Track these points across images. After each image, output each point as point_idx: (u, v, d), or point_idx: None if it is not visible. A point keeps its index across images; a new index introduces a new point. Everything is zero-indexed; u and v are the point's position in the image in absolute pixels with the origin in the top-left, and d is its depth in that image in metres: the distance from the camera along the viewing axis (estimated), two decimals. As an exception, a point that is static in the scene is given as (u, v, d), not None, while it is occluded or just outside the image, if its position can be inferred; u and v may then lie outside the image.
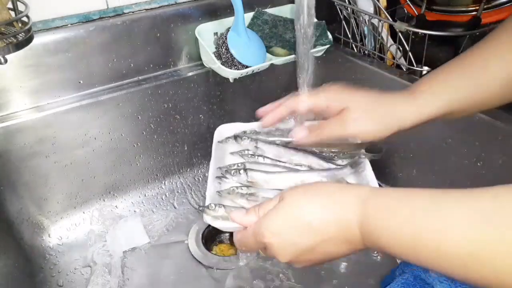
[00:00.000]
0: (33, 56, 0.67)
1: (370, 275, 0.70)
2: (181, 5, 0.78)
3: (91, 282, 0.68)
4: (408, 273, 0.47)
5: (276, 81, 0.91)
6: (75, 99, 0.73)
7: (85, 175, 0.78)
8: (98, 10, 0.72)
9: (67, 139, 0.73)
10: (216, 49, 0.80)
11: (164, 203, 0.85)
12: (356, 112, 0.47)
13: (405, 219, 0.33)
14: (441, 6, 0.77)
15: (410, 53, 0.76)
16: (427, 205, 0.32)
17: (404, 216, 0.33)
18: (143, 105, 0.78)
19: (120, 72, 0.76)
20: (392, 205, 0.34)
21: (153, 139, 0.83)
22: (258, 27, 0.83)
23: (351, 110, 0.47)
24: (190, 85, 0.82)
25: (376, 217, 0.35)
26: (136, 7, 0.75)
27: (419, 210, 0.32)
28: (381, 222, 0.34)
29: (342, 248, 0.38)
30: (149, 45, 0.77)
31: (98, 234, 0.77)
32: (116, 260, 0.72)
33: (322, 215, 0.37)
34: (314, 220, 0.37)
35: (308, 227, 0.37)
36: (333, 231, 0.37)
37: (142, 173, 0.84)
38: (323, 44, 0.84)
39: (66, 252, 0.75)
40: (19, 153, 0.69)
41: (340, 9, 0.87)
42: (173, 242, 0.77)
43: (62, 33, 0.69)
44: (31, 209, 0.74)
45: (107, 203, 0.81)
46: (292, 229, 0.38)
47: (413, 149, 0.76)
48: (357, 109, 0.47)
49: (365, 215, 0.35)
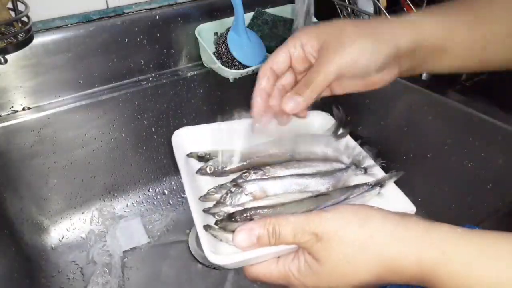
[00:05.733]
0: (33, 56, 0.67)
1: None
2: (181, 5, 0.78)
3: (91, 282, 0.68)
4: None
5: (276, 81, 0.91)
6: (75, 99, 0.73)
7: (85, 175, 0.78)
8: (98, 10, 0.72)
9: (67, 139, 0.73)
10: (216, 49, 0.80)
11: (164, 203, 0.85)
12: (335, 41, 0.37)
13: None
14: (441, 6, 0.76)
15: (410, 53, 0.75)
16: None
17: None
18: (143, 105, 0.78)
19: (120, 72, 0.76)
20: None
21: (153, 139, 0.83)
22: (258, 27, 0.83)
23: (330, 41, 0.37)
24: (190, 85, 0.82)
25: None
26: (136, 7, 0.75)
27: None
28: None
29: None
30: (149, 45, 0.77)
31: (98, 234, 0.77)
32: (116, 260, 0.72)
33: (373, 276, 0.31)
34: (366, 280, 0.31)
35: (354, 286, 0.32)
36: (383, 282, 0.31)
37: (142, 173, 0.84)
38: (323, 44, 0.84)
39: (66, 252, 0.75)
40: (19, 153, 0.69)
41: (340, 9, 0.87)
42: (173, 242, 0.77)
43: (62, 33, 0.69)
44: (31, 209, 0.74)
45: (107, 203, 0.81)
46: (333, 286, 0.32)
47: (413, 149, 0.76)
48: (336, 38, 0.37)
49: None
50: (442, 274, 0.29)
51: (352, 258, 0.31)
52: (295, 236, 0.32)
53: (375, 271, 0.30)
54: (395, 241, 0.30)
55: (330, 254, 0.31)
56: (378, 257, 0.30)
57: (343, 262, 0.31)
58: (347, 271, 0.31)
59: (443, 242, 0.29)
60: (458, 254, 0.29)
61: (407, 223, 0.31)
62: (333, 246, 0.31)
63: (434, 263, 0.29)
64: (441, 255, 0.29)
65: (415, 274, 0.29)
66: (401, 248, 0.30)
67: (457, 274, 0.28)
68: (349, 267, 0.31)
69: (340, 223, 0.31)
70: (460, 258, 0.29)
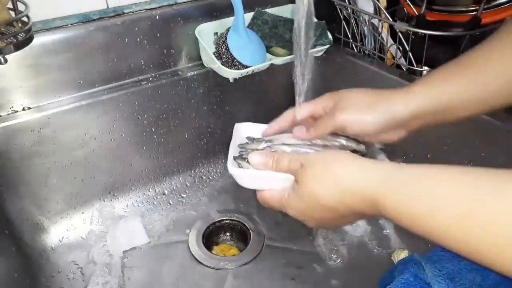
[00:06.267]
0: (33, 56, 0.67)
1: (369, 274, 0.70)
2: (181, 5, 0.78)
3: (91, 282, 0.68)
4: (407, 273, 0.47)
5: (276, 81, 0.91)
6: (75, 99, 0.73)
7: (85, 175, 0.78)
8: (98, 10, 0.72)
9: (67, 139, 0.73)
10: (216, 49, 0.80)
11: (164, 203, 0.85)
12: (344, 102, 0.47)
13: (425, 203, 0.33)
14: (441, 6, 0.76)
15: (410, 53, 0.76)
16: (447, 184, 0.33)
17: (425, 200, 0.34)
18: (143, 105, 0.78)
19: (120, 72, 0.76)
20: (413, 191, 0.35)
21: (153, 139, 0.83)
22: (258, 27, 0.83)
23: (340, 102, 0.48)
24: (190, 85, 0.82)
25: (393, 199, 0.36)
26: (136, 7, 0.75)
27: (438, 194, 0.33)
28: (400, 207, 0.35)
29: (357, 217, 0.42)
30: (149, 45, 0.77)
31: (98, 234, 0.77)
32: (116, 260, 0.72)
33: (336, 201, 0.40)
34: (330, 203, 0.40)
35: (324, 208, 0.41)
36: (348, 212, 0.40)
37: (142, 173, 0.84)
38: (323, 44, 0.84)
39: (66, 252, 0.75)
40: (19, 153, 0.69)
41: (340, 9, 0.87)
42: (173, 242, 0.77)
43: (62, 33, 0.69)
44: (31, 209, 0.74)
45: (107, 203, 0.81)
46: (310, 209, 0.42)
47: (413, 149, 0.76)
48: (346, 100, 0.47)
49: (380, 199, 0.36)
50: (386, 191, 0.36)
51: (319, 182, 0.40)
52: (289, 163, 0.43)
53: (338, 195, 0.39)
54: (354, 173, 0.39)
55: (307, 178, 0.41)
56: (338, 182, 0.39)
57: (314, 184, 0.41)
58: (317, 193, 0.40)
59: (391, 170, 0.37)
60: (401, 174, 0.36)
61: (368, 163, 0.40)
62: (310, 172, 0.41)
63: (380, 182, 0.37)
64: (386, 177, 0.37)
65: (369, 196, 0.37)
66: (357, 176, 0.38)
67: (401, 189, 0.35)
68: (319, 189, 0.40)
69: (320, 157, 0.42)
70: (403, 176, 0.36)
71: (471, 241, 0.30)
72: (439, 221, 0.32)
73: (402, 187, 0.35)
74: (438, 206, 0.32)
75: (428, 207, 0.33)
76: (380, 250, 0.74)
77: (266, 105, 0.92)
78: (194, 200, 0.86)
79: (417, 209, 0.34)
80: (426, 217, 0.33)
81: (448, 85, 0.45)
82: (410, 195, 0.34)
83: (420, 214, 0.33)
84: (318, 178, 0.40)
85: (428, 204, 0.33)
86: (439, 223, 0.32)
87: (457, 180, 0.33)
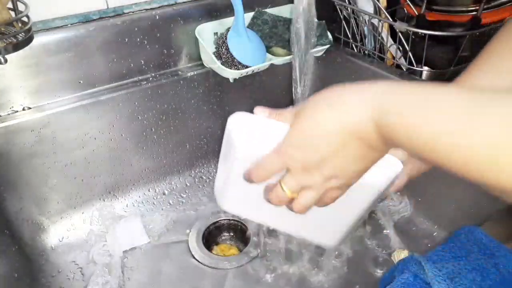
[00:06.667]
0: (33, 56, 0.67)
1: (369, 274, 0.70)
2: (181, 5, 0.78)
3: (91, 282, 0.68)
4: (407, 273, 0.47)
5: (276, 81, 0.91)
6: (75, 99, 0.73)
7: (85, 175, 0.78)
8: (98, 10, 0.72)
9: (67, 139, 0.73)
10: (216, 49, 0.80)
11: (164, 203, 0.85)
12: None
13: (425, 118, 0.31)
14: (441, 6, 0.76)
15: (410, 53, 0.76)
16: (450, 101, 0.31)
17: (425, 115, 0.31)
18: (143, 105, 0.78)
19: (120, 72, 0.76)
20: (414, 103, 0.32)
21: (153, 139, 0.83)
22: (258, 27, 0.83)
23: None
24: (190, 85, 0.82)
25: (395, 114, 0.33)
26: (136, 7, 0.75)
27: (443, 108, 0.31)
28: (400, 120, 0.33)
29: (361, 152, 0.36)
30: (149, 45, 0.77)
31: (98, 234, 0.77)
32: (116, 260, 0.72)
33: (335, 123, 0.36)
34: (329, 125, 0.36)
35: (323, 134, 0.36)
36: (347, 137, 0.36)
37: (142, 173, 0.84)
38: (323, 44, 0.84)
39: (66, 252, 0.75)
40: (19, 153, 0.70)
41: (340, 9, 0.87)
42: (173, 242, 0.77)
43: (62, 33, 0.69)
44: (31, 209, 0.74)
45: (107, 203, 0.81)
46: (308, 139, 0.37)
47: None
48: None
49: (380, 118, 0.33)
50: (389, 101, 0.33)
51: (315, 109, 0.37)
52: (291, 111, 0.41)
53: (336, 113, 0.36)
54: (352, 91, 0.36)
55: (304, 107, 0.38)
56: (336, 101, 0.36)
57: (312, 112, 0.37)
58: (315, 117, 0.37)
59: (391, 85, 0.35)
60: (403, 87, 0.34)
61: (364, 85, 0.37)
62: (306, 108, 0.38)
63: (382, 92, 0.34)
64: (389, 87, 0.34)
65: (371, 109, 0.34)
66: (354, 89, 0.36)
67: (403, 99, 0.33)
68: (317, 114, 0.37)
69: (311, 101, 0.39)
70: (404, 89, 0.33)
71: (473, 154, 0.29)
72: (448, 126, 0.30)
73: (407, 95, 0.33)
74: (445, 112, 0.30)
75: (434, 111, 0.31)
76: (380, 250, 0.74)
77: (266, 105, 0.91)
78: (194, 200, 0.86)
79: (424, 113, 0.31)
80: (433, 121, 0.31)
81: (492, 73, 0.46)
82: (417, 102, 0.32)
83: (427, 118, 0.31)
84: (314, 106, 0.37)
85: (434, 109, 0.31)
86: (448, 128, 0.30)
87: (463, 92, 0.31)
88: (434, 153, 0.31)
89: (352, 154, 0.36)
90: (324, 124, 0.36)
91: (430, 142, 0.31)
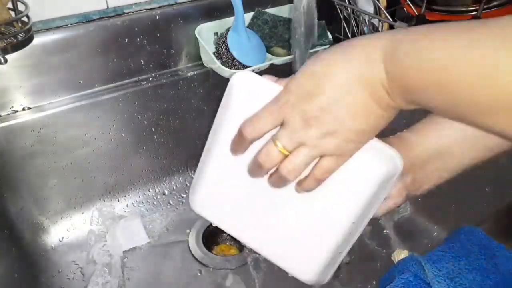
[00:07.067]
0: (33, 56, 0.67)
1: (368, 274, 0.70)
2: (181, 5, 0.78)
3: (91, 282, 0.68)
4: (407, 273, 0.47)
5: (276, 81, 0.91)
6: (75, 99, 0.73)
7: (85, 175, 0.78)
8: (98, 10, 0.72)
9: (67, 139, 0.73)
10: (216, 49, 0.80)
11: (164, 203, 0.85)
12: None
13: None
14: (441, 6, 0.76)
15: (410, 53, 0.75)
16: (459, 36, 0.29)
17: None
18: (143, 105, 0.79)
19: (120, 72, 0.76)
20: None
21: (153, 139, 0.83)
22: (258, 27, 0.83)
23: None
24: (190, 85, 0.82)
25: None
26: (136, 7, 0.75)
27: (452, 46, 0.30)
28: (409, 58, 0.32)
29: (366, 105, 0.34)
30: (149, 45, 0.77)
31: (98, 234, 0.77)
32: (116, 260, 0.72)
33: (344, 67, 0.34)
34: (330, 53, 0.35)
35: (326, 76, 0.35)
36: (355, 84, 0.34)
37: (142, 173, 0.84)
38: (323, 44, 0.84)
39: (66, 252, 0.75)
40: (19, 153, 0.70)
41: (340, 9, 0.87)
42: (173, 242, 0.77)
43: (62, 33, 0.69)
44: (31, 209, 0.74)
45: (107, 203, 0.81)
46: (315, 79, 0.35)
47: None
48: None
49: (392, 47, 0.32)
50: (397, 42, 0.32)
51: (332, 50, 0.36)
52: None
53: (339, 48, 0.35)
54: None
55: (319, 54, 0.36)
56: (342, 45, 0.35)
57: (326, 52, 0.36)
58: (318, 55, 0.36)
59: (399, 30, 0.34)
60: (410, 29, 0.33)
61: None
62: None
63: (390, 40, 0.33)
64: (396, 32, 0.33)
65: (379, 49, 0.33)
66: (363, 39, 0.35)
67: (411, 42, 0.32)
68: (320, 54, 0.36)
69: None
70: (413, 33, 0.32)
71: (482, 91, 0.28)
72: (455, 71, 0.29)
73: (415, 34, 0.32)
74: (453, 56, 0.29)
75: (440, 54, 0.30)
76: (380, 250, 0.74)
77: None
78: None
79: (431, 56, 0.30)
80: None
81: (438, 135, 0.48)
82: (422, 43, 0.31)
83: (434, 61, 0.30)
84: (328, 52, 0.36)
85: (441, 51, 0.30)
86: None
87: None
88: (443, 84, 0.30)
89: (355, 105, 0.34)
90: (334, 66, 0.34)
91: (443, 71, 0.30)
